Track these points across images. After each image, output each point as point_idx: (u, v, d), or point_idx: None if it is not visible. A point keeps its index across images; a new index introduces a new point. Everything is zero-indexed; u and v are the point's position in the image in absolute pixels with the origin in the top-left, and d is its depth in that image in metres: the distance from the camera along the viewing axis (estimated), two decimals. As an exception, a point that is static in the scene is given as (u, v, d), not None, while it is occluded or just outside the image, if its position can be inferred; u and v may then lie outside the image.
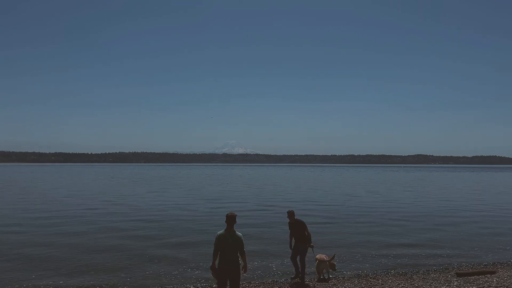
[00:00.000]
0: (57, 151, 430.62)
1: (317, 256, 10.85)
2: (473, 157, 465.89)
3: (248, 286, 10.28)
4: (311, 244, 10.42)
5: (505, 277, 10.66)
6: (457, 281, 10.40)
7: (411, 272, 11.70)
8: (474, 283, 10.09)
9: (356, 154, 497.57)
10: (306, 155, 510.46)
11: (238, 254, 7.40)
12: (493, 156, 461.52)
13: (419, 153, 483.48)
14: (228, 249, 7.25)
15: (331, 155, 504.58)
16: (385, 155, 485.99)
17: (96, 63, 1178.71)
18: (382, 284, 10.23)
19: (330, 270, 10.89)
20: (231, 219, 7.42)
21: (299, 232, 10.44)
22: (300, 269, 10.50)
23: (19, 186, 50.50)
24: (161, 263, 12.50)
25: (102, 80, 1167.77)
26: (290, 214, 10.60)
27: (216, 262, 7.39)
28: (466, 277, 10.79)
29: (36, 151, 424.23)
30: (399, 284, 10.16)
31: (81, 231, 17.84)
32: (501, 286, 9.75)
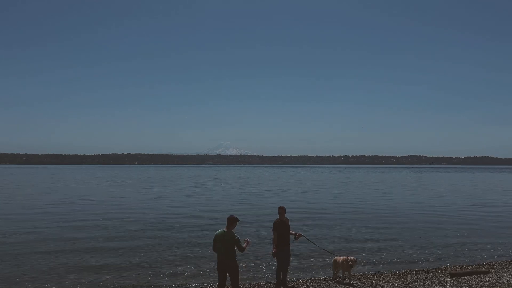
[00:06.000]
0: (50, 153, 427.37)
1: (336, 259, 10.58)
2: (465, 157, 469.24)
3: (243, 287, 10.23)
4: (298, 233, 9.91)
5: (497, 277, 10.71)
6: (450, 281, 10.42)
7: (405, 272, 11.72)
8: (467, 283, 10.12)
9: (349, 155, 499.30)
10: (300, 156, 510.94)
11: (236, 249, 8.09)
12: (485, 156, 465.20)
13: (413, 154, 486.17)
14: (225, 247, 7.98)
15: (325, 156, 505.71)
16: (379, 156, 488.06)
17: (89, 64, 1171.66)
18: (376, 284, 10.22)
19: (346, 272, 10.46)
20: (229, 221, 8.15)
21: (285, 233, 9.58)
22: (282, 273, 9.73)
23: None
24: (154, 264, 12.42)
25: (96, 81, 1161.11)
26: (282, 210, 9.67)
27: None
28: (459, 277, 10.82)
29: (29, 152, 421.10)
30: (393, 284, 10.16)
31: (76, 229, 17.70)
32: (494, 286, 9.79)
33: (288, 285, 10.07)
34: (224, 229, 8.14)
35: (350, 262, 10.16)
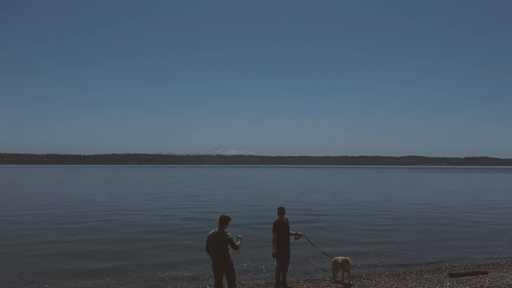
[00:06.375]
0: (50, 153, 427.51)
1: (335, 259, 10.43)
2: (465, 158, 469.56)
3: (242, 288, 10.22)
4: (299, 233, 9.92)
5: (497, 278, 10.70)
6: (450, 281, 10.41)
7: (404, 273, 11.69)
8: (467, 284, 10.10)
9: (349, 155, 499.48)
10: (300, 156, 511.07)
11: (229, 248, 8.08)
12: (485, 157, 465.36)
13: (412, 154, 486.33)
14: (217, 246, 7.98)
15: (325, 156, 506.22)
16: (379, 156, 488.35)
17: (89, 64, 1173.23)
18: (375, 284, 10.20)
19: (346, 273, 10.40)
20: (221, 220, 8.13)
21: (285, 234, 9.53)
22: (282, 274, 9.73)
23: None
24: (153, 265, 12.41)
25: (96, 81, 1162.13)
26: (281, 210, 9.64)
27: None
28: (459, 278, 10.80)
29: (28, 152, 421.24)
30: (392, 285, 10.14)
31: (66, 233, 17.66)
32: (494, 287, 9.78)
33: (288, 285, 10.04)
34: (216, 229, 8.13)
35: (340, 261, 10.13)
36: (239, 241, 8.22)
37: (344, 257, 10.36)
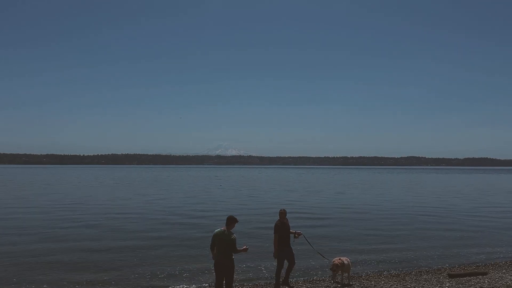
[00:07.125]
0: (49, 153, 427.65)
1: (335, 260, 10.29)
2: (464, 159, 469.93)
3: (241, 288, 10.22)
4: (298, 232, 9.98)
5: (496, 278, 10.71)
6: (449, 282, 10.42)
7: (404, 273, 11.71)
8: (466, 284, 10.12)
9: (349, 156, 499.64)
10: (300, 157, 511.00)
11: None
12: (484, 158, 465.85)
13: (412, 155, 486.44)
14: (222, 246, 8.04)
15: (324, 157, 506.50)
16: (378, 157, 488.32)
17: (89, 65, 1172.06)
18: (374, 285, 10.21)
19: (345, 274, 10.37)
20: (228, 220, 8.24)
21: (286, 235, 9.68)
22: (286, 273, 9.87)
23: None
24: (151, 264, 12.41)
25: (96, 81, 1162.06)
26: (283, 213, 9.80)
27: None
28: (458, 278, 10.82)
29: (28, 152, 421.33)
30: (391, 285, 10.15)
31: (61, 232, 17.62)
32: (493, 287, 9.79)
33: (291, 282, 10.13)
34: (222, 228, 8.19)
35: (339, 262, 10.06)
36: (242, 248, 8.24)
37: (343, 258, 10.36)
